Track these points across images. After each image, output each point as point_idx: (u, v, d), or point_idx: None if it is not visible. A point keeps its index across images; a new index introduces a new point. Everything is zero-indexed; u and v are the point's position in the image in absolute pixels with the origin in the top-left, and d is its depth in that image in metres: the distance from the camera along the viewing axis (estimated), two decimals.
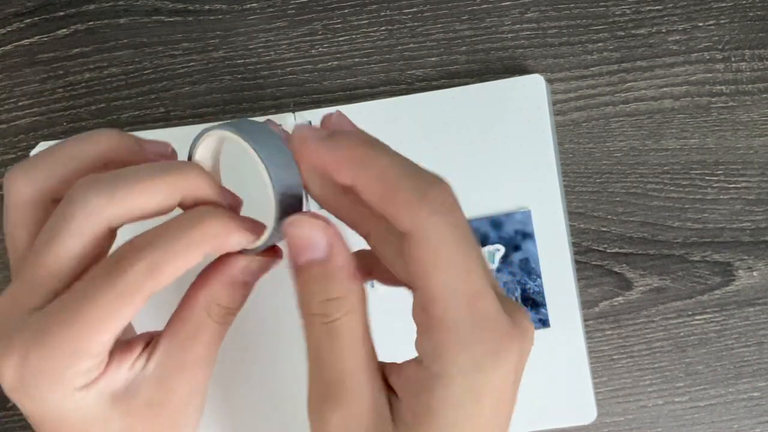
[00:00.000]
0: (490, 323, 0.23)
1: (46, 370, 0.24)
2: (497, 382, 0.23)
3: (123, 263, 0.24)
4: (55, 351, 0.24)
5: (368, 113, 0.43)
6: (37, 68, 0.46)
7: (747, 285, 0.44)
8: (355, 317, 0.25)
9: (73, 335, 0.24)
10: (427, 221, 0.22)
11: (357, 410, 0.24)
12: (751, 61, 0.44)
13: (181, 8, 0.45)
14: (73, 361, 0.24)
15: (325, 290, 0.24)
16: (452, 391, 0.23)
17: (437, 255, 0.23)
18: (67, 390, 0.24)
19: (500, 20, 0.44)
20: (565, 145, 0.44)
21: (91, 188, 0.24)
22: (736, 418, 0.44)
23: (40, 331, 0.24)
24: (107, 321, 0.24)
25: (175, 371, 0.27)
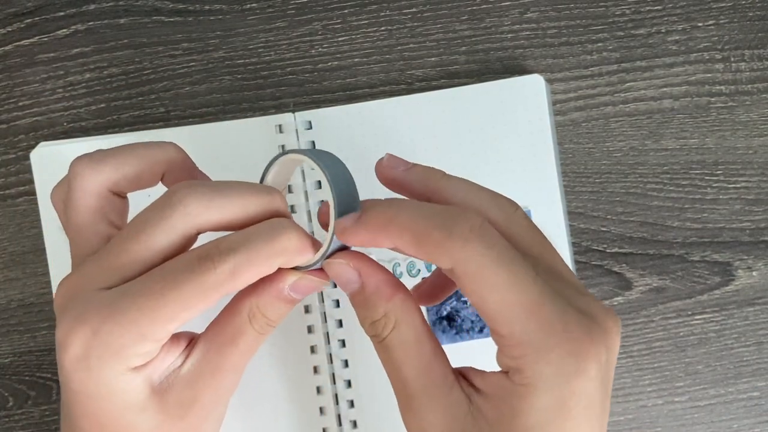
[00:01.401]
0: (559, 327, 0.24)
1: (114, 346, 0.25)
2: (583, 386, 0.24)
3: (209, 263, 0.25)
4: (127, 330, 0.25)
5: (368, 113, 0.43)
6: (37, 68, 0.46)
7: (746, 285, 0.44)
8: (403, 329, 0.26)
9: (148, 319, 0.25)
10: (461, 253, 0.24)
11: (429, 415, 0.26)
12: (751, 61, 0.44)
13: (181, 8, 0.45)
14: (139, 342, 0.25)
15: (368, 314, 0.27)
16: (538, 400, 0.24)
17: (481, 279, 0.24)
18: (123, 368, 0.26)
19: (500, 20, 0.44)
20: (565, 145, 0.44)
21: (191, 193, 0.26)
22: (736, 417, 0.44)
23: (117, 309, 0.25)
24: (182, 313, 0.25)
25: (207, 375, 0.28)
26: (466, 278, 0.24)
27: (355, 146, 0.43)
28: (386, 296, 0.27)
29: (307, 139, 0.43)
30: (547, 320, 0.24)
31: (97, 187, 0.28)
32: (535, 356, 0.24)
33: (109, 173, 0.28)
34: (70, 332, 0.25)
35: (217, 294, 0.25)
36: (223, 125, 0.43)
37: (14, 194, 0.45)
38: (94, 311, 0.25)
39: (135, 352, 0.25)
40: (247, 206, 0.27)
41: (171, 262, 0.26)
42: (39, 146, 0.44)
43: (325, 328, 0.43)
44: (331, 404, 0.43)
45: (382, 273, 0.27)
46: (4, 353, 0.45)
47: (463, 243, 0.24)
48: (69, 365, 0.26)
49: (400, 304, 0.27)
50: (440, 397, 0.26)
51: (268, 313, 0.28)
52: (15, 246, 0.45)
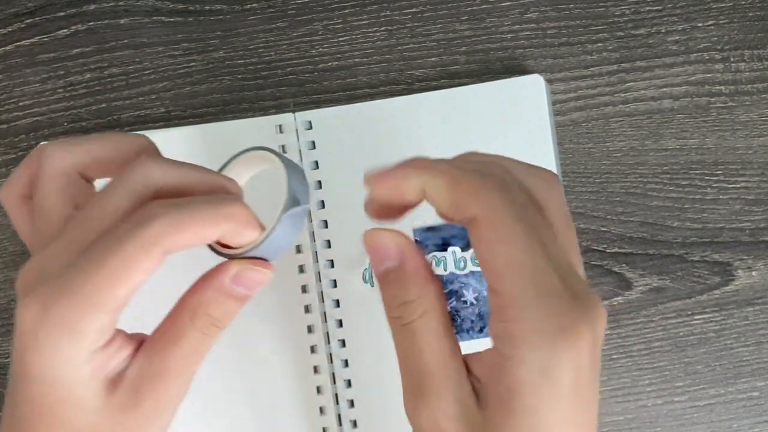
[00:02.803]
0: (555, 299, 0.24)
1: (64, 322, 0.24)
2: (572, 361, 0.24)
3: (147, 217, 0.25)
4: (75, 301, 0.24)
5: (368, 113, 0.43)
6: (38, 68, 0.46)
7: (746, 285, 0.44)
8: (431, 317, 0.26)
9: (93, 285, 0.24)
10: (490, 199, 0.24)
11: (442, 403, 0.26)
12: (750, 62, 0.44)
13: (182, 8, 0.45)
14: (89, 313, 0.25)
15: (401, 294, 0.27)
16: (527, 370, 0.24)
17: (500, 229, 0.24)
18: (75, 349, 0.25)
19: (500, 20, 0.44)
20: (565, 145, 0.44)
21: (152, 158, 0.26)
22: (735, 417, 0.44)
23: (64, 280, 0.25)
24: (126, 272, 0.24)
25: (149, 379, 0.27)
26: (488, 227, 0.24)
27: (355, 146, 0.43)
28: (424, 280, 0.27)
29: (307, 139, 0.43)
30: (545, 291, 0.24)
31: (67, 168, 0.28)
32: (527, 323, 0.24)
33: (81, 155, 0.28)
34: (23, 309, 0.25)
35: (158, 249, 0.25)
36: (223, 125, 0.43)
37: None
38: (43, 288, 0.25)
39: (86, 328, 0.25)
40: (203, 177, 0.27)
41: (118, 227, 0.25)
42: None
43: (325, 328, 0.43)
44: (331, 404, 0.43)
45: (423, 258, 0.27)
46: (5, 353, 0.45)
47: (494, 191, 0.25)
48: (20, 344, 0.25)
49: (434, 292, 0.27)
50: (455, 389, 0.26)
51: (211, 310, 0.27)
52: (15, 246, 0.45)
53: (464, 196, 0.25)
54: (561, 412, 0.24)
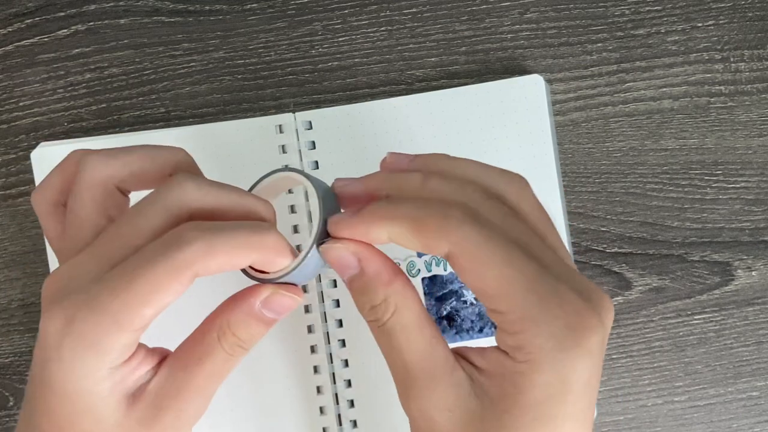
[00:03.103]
0: (557, 300, 0.24)
1: (88, 337, 0.24)
2: (583, 361, 0.24)
3: (181, 240, 0.25)
4: (100, 317, 0.24)
5: (368, 113, 0.43)
6: (38, 68, 0.46)
7: (746, 285, 0.44)
8: (403, 314, 0.27)
9: (120, 303, 0.24)
10: (457, 233, 0.25)
11: (432, 395, 0.26)
12: (750, 62, 0.44)
13: (182, 8, 0.45)
14: (113, 331, 0.25)
15: (368, 299, 0.27)
16: (540, 376, 0.24)
17: (479, 256, 0.24)
18: (96, 364, 0.25)
19: (500, 21, 0.45)
20: (565, 145, 0.44)
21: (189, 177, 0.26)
22: (735, 417, 0.44)
23: (91, 295, 0.25)
24: (154, 294, 0.25)
25: (171, 395, 0.27)
26: (464, 258, 0.25)
27: (355, 146, 0.43)
28: (386, 281, 0.27)
29: (307, 139, 0.43)
30: (545, 295, 0.24)
31: (105, 180, 0.28)
32: (535, 330, 0.24)
33: (119, 168, 0.28)
34: (47, 320, 0.25)
35: (189, 272, 0.25)
36: (223, 125, 0.43)
37: (15, 194, 0.45)
38: (72, 299, 0.25)
39: (110, 345, 0.25)
40: (239, 201, 0.27)
41: (148, 245, 0.25)
42: (39, 146, 0.44)
43: (325, 328, 0.43)
44: (331, 404, 0.43)
45: (381, 258, 0.27)
46: (5, 353, 0.45)
47: (459, 224, 0.25)
48: (42, 354, 0.25)
49: (400, 288, 0.27)
50: (443, 379, 0.26)
51: (239, 331, 0.27)
52: (16, 246, 0.45)
53: (431, 237, 0.25)
54: (571, 407, 0.24)
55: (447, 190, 0.26)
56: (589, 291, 0.25)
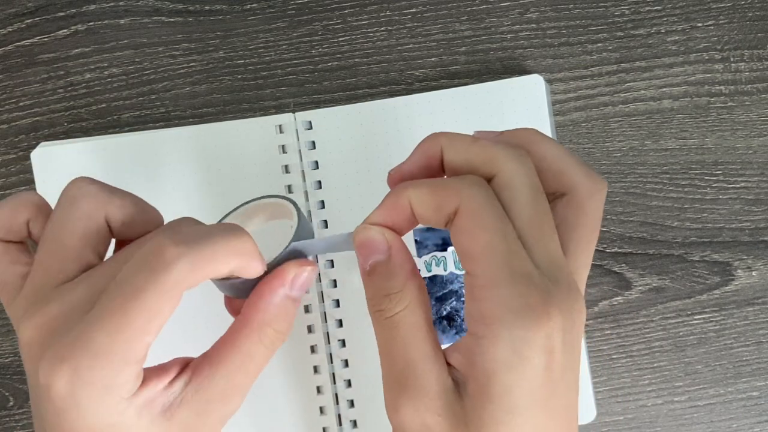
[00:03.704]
0: (525, 280, 0.25)
1: (98, 381, 0.24)
2: (542, 340, 0.24)
3: (164, 258, 0.24)
4: (105, 360, 0.24)
5: (368, 113, 0.43)
6: (38, 68, 0.46)
7: (746, 285, 0.44)
8: (414, 311, 0.27)
9: (122, 341, 0.24)
10: (467, 191, 0.26)
11: (426, 397, 0.26)
12: (750, 62, 0.44)
13: (182, 9, 0.45)
14: (122, 368, 0.25)
15: (386, 286, 0.27)
16: (500, 347, 0.24)
17: (477, 217, 0.25)
18: (115, 400, 0.25)
19: (500, 21, 0.45)
20: (565, 145, 0.44)
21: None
22: (735, 417, 0.44)
23: (89, 340, 0.24)
24: (152, 322, 0.25)
25: (213, 400, 0.27)
26: (464, 216, 0.26)
27: (355, 146, 0.43)
28: (408, 272, 0.27)
29: (307, 139, 0.43)
30: (517, 271, 0.25)
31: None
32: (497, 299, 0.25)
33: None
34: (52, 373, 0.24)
35: (178, 291, 0.25)
36: (223, 125, 0.43)
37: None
38: (69, 347, 0.24)
39: (123, 381, 0.25)
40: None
41: (122, 272, 0.25)
42: (40, 146, 0.44)
43: (325, 328, 0.43)
44: (331, 404, 0.43)
45: (408, 252, 0.28)
46: (5, 353, 0.45)
47: (471, 185, 0.26)
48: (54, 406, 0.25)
49: (418, 286, 0.27)
50: (438, 382, 0.26)
51: (277, 324, 0.28)
52: None
53: (445, 195, 0.26)
54: (533, 393, 0.25)
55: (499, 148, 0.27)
56: (560, 285, 0.25)
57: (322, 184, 0.43)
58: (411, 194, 0.27)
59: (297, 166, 0.43)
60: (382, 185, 0.30)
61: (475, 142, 0.28)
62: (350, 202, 0.43)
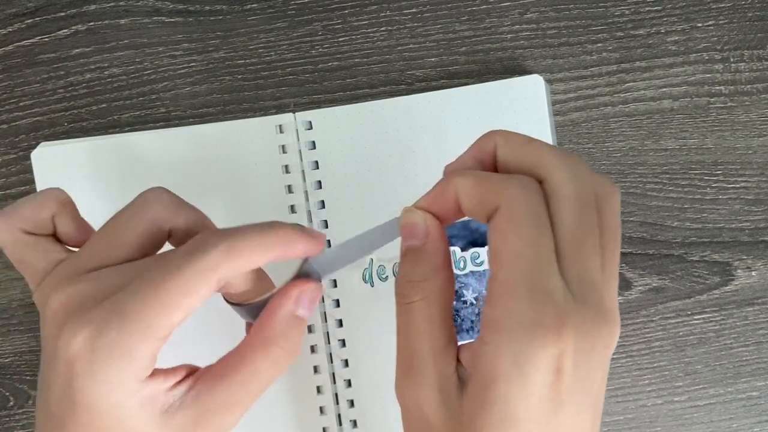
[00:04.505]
0: (545, 297, 0.24)
1: (120, 346, 0.25)
2: (549, 360, 0.24)
3: (205, 245, 0.26)
4: (132, 325, 0.25)
5: (368, 113, 0.43)
6: (38, 68, 0.46)
7: (746, 285, 0.44)
8: (431, 304, 0.27)
9: (152, 310, 0.25)
10: (511, 191, 0.25)
11: (425, 387, 0.26)
12: (750, 62, 0.44)
13: (182, 9, 0.45)
14: (145, 339, 0.25)
15: (412, 272, 0.27)
16: (502, 358, 0.24)
17: (514, 220, 0.25)
18: (127, 375, 0.25)
19: (500, 21, 0.45)
20: (565, 146, 0.44)
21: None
22: (735, 417, 0.44)
23: (120, 303, 0.25)
24: (184, 299, 0.25)
25: (212, 411, 0.27)
26: (503, 216, 0.25)
27: (355, 146, 0.43)
28: (437, 265, 0.27)
29: (307, 139, 0.43)
30: (538, 285, 0.24)
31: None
32: (510, 308, 0.24)
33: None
34: (70, 335, 0.25)
35: (216, 276, 0.26)
36: (223, 125, 0.43)
37: (15, 194, 0.45)
38: (98, 311, 0.25)
39: (141, 353, 0.25)
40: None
41: (167, 253, 0.27)
42: (40, 146, 0.44)
43: (325, 328, 0.43)
44: (331, 404, 0.43)
45: (445, 244, 0.28)
46: (5, 353, 0.45)
47: (517, 185, 0.25)
48: (67, 370, 0.25)
49: (444, 279, 0.27)
50: (440, 376, 0.26)
51: (283, 342, 0.28)
52: None
53: (490, 190, 0.26)
54: (531, 408, 0.24)
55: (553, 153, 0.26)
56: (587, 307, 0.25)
57: (322, 184, 0.43)
58: (458, 182, 0.27)
59: (297, 166, 0.43)
60: (383, 185, 0.30)
61: (530, 143, 0.27)
62: (350, 202, 0.43)
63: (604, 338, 0.25)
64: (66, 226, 0.30)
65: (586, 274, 0.25)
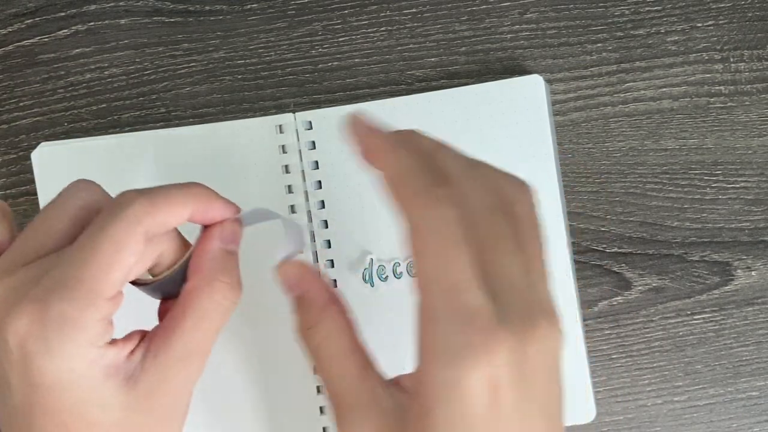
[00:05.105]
0: (468, 316, 0.23)
1: (68, 314, 0.25)
2: (483, 379, 0.23)
3: (125, 200, 0.27)
4: (75, 291, 0.25)
5: (368, 113, 0.43)
6: (38, 69, 0.46)
7: (746, 285, 0.44)
8: (332, 341, 0.28)
9: (90, 272, 0.25)
10: (422, 212, 0.24)
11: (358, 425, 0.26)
12: (750, 62, 0.44)
13: (182, 9, 0.46)
14: (92, 302, 0.25)
15: (303, 319, 0.29)
16: (436, 385, 0.23)
17: (426, 244, 0.24)
18: (84, 340, 0.25)
19: (500, 21, 0.45)
20: (565, 146, 0.44)
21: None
22: (735, 417, 0.44)
23: (57, 275, 0.25)
24: (117, 254, 0.26)
25: (174, 362, 0.27)
26: (413, 238, 0.25)
27: None
28: (321, 305, 0.28)
29: (307, 139, 0.43)
30: (460, 306, 0.23)
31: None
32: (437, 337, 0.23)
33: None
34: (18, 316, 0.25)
35: (141, 228, 0.26)
36: (223, 125, 0.43)
37: (15, 194, 0.45)
38: (37, 289, 0.25)
39: (90, 318, 0.25)
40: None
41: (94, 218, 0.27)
42: (40, 146, 0.44)
43: None
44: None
45: (322, 284, 0.29)
46: None
47: (429, 205, 0.24)
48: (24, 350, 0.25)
49: (335, 315, 0.28)
50: (370, 409, 0.26)
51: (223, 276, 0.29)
52: None
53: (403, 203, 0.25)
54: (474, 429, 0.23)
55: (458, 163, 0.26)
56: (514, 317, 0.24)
57: (322, 184, 0.43)
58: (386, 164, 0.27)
59: (297, 166, 0.43)
60: None
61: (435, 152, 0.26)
62: (350, 202, 0.43)
63: (539, 342, 0.24)
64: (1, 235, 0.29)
65: (507, 281, 0.24)
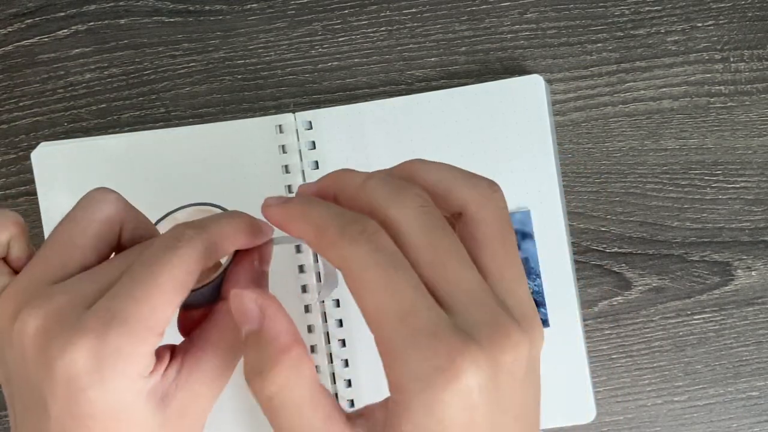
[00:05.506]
0: (428, 339, 0.22)
1: (125, 349, 0.24)
2: (458, 401, 0.22)
3: (185, 237, 0.26)
4: (133, 326, 0.24)
5: (368, 113, 0.43)
6: (38, 69, 0.46)
7: (746, 285, 0.44)
8: (293, 390, 0.24)
9: (150, 307, 0.25)
10: (347, 251, 0.24)
11: None
12: (750, 62, 0.44)
13: (182, 9, 0.45)
14: (148, 337, 0.25)
15: (257, 361, 0.24)
16: (414, 416, 0.23)
17: (361, 280, 0.23)
18: (136, 373, 0.25)
19: (500, 21, 0.45)
20: (565, 145, 0.44)
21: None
22: (735, 417, 0.44)
23: (115, 308, 0.25)
24: (178, 290, 0.25)
25: (206, 380, 0.27)
26: (350, 278, 0.24)
27: (355, 146, 0.43)
28: (282, 347, 0.24)
29: (307, 139, 0.43)
30: (416, 330, 0.22)
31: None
32: (401, 369, 0.23)
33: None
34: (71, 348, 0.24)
35: (199, 267, 0.26)
36: (223, 125, 0.43)
37: (15, 194, 0.45)
38: (90, 319, 0.24)
39: (144, 352, 0.25)
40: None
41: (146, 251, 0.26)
42: (40, 146, 0.44)
43: (325, 328, 0.43)
44: None
45: (286, 320, 0.25)
46: None
47: (350, 242, 0.24)
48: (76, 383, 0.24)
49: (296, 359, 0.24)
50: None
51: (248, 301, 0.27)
52: None
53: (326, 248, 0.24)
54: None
55: (383, 192, 0.25)
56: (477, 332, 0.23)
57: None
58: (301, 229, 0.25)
59: (297, 166, 0.43)
60: None
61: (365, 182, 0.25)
62: None
63: (511, 351, 0.23)
64: (20, 251, 0.29)
65: (462, 294, 0.23)
